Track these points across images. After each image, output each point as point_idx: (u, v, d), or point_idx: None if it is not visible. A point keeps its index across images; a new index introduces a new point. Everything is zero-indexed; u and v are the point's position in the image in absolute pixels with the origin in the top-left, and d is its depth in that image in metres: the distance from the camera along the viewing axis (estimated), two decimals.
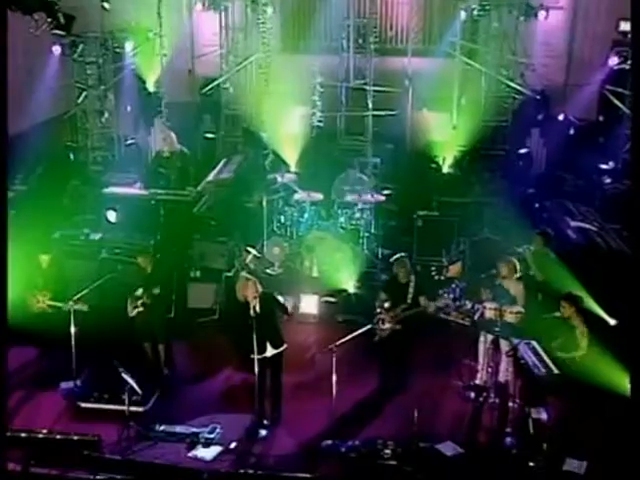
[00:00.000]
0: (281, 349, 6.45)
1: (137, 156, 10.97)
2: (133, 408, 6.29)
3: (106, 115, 10.82)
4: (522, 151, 10.94)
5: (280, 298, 6.58)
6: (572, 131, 10.78)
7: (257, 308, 6.29)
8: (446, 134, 10.74)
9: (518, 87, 10.77)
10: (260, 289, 6.32)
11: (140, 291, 6.93)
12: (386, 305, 6.67)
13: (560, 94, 11.12)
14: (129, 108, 11.15)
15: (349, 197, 9.62)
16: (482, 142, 10.61)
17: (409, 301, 6.67)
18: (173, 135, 9.66)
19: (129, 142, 11.11)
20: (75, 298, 6.75)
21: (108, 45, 10.73)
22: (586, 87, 10.49)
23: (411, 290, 6.71)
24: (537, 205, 9.82)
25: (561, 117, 10.85)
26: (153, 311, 6.99)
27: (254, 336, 6.18)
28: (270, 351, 6.35)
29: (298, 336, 7.54)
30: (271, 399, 6.53)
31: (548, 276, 7.42)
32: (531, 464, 5.79)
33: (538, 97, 10.87)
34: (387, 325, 6.65)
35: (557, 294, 6.87)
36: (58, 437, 5.67)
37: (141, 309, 6.93)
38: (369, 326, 6.55)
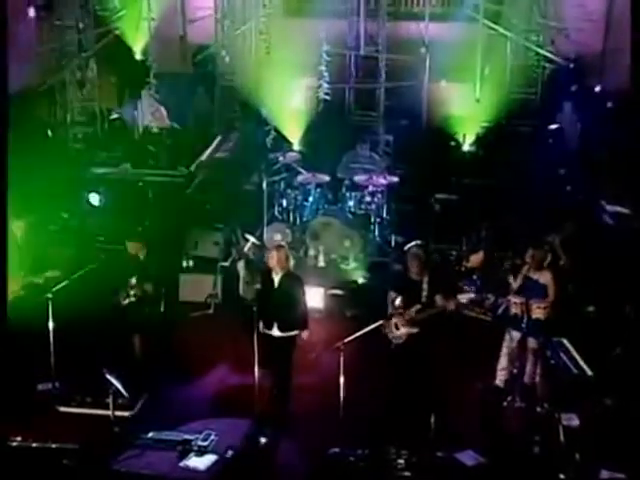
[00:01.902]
0: (290, 333, 6.46)
1: (123, 132, 10.93)
2: (118, 413, 6.28)
3: (88, 86, 10.78)
4: (553, 127, 10.80)
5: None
6: (610, 104, 10.63)
7: (276, 281, 6.40)
8: (467, 108, 10.69)
9: (549, 55, 10.67)
10: (289, 265, 6.45)
11: (134, 279, 6.91)
12: (397, 302, 6.56)
13: (597, 62, 10.97)
14: (113, 78, 11.08)
15: (359, 178, 9.61)
16: (508, 117, 10.53)
17: (424, 300, 6.56)
18: (163, 109, 9.63)
19: (114, 117, 11.07)
20: (54, 290, 6.71)
21: (89, 7, 10.64)
22: (626, 54, 10.30)
23: (425, 287, 6.56)
24: (569, 187, 9.73)
25: (597, 88, 10.70)
26: (146, 303, 7.01)
27: (265, 311, 6.30)
28: (276, 332, 6.41)
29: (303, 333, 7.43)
30: (274, 400, 6.55)
31: (581, 267, 7.35)
32: (561, 476, 5.75)
33: (571, 66, 10.73)
34: (402, 330, 6.56)
35: (590, 286, 6.79)
36: (34, 445, 5.66)
37: (133, 299, 6.93)
38: (381, 322, 6.48)
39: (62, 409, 6.65)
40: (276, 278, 6.47)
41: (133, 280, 6.96)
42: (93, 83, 10.88)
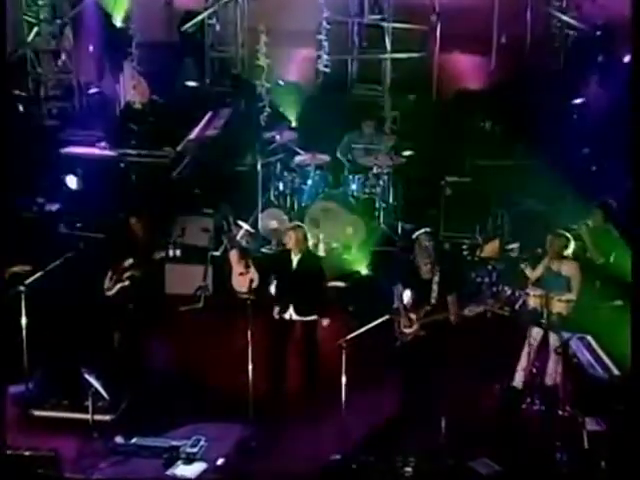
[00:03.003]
0: (308, 318, 6.64)
1: (102, 108, 10.86)
2: (98, 417, 6.28)
3: (63, 57, 10.68)
4: (577, 102, 10.71)
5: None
6: None
7: (295, 262, 6.65)
8: (482, 81, 10.60)
9: (573, 21, 10.55)
10: (308, 244, 6.76)
11: (129, 261, 6.88)
12: (405, 300, 6.50)
13: (626, 30, 10.83)
14: (92, 48, 11.00)
15: (362, 159, 9.58)
16: (527, 91, 10.41)
17: (433, 301, 6.51)
18: (145, 83, 9.53)
19: (92, 91, 11.00)
20: (27, 282, 6.67)
21: None
22: None
23: (435, 287, 6.50)
24: (594, 168, 9.67)
25: (627, 59, 10.59)
26: (141, 286, 7.02)
27: (282, 293, 6.62)
28: (293, 315, 6.62)
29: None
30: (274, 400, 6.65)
31: (609, 258, 7.34)
32: None
33: (598, 33, 10.62)
34: (408, 330, 6.53)
35: (619, 280, 6.76)
36: (7, 453, 5.62)
37: (127, 283, 6.88)
38: (387, 317, 6.45)
39: (36, 413, 6.62)
40: (295, 259, 6.68)
41: (128, 262, 6.92)
42: (69, 53, 10.78)
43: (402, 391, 6.76)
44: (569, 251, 6.83)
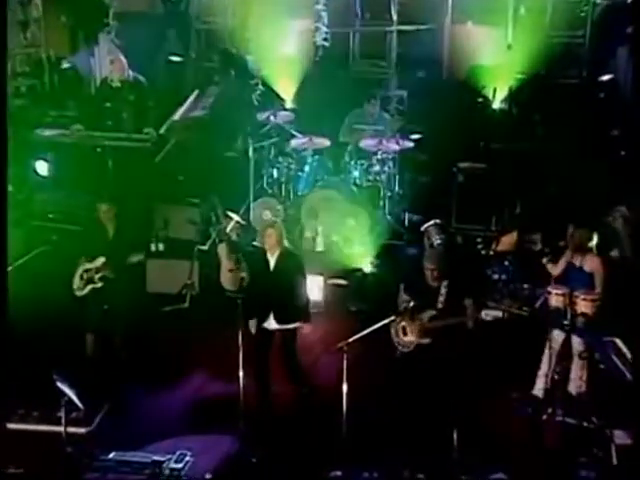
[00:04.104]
0: (289, 326, 6.54)
1: (75, 86, 10.81)
2: (72, 429, 6.22)
3: (32, 28, 10.61)
4: (604, 78, 10.69)
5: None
6: None
7: (272, 264, 6.49)
8: (498, 56, 10.58)
9: None
10: (285, 242, 6.58)
11: (100, 260, 6.84)
12: (408, 302, 6.47)
13: None
14: (63, 18, 10.93)
15: (366, 143, 9.56)
16: (548, 67, 10.40)
17: (440, 306, 6.47)
18: (124, 58, 9.50)
19: (65, 66, 10.95)
20: None
21: None
22: None
23: (443, 292, 6.48)
24: (623, 153, 9.65)
25: None
26: (113, 290, 7.01)
27: (259, 300, 6.42)
28: (272, 324, 6.48)
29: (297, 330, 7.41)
30: (263, 411, 6.59)
31: None
32: None
33: (628, 1, 10.57)
34: (409, 337, 6.50)
35: None
36: None
37: (98, 285, 6.84)
38: (392, 317, 6.44)
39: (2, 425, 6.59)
40: (271, 260, 6.55)
41: (100, 260, 6.89)
42: (39, 24, 10.72)
43: (410, 400, 6.71)
44: (592, 244, 6.81)
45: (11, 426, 6.56)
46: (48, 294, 7.30)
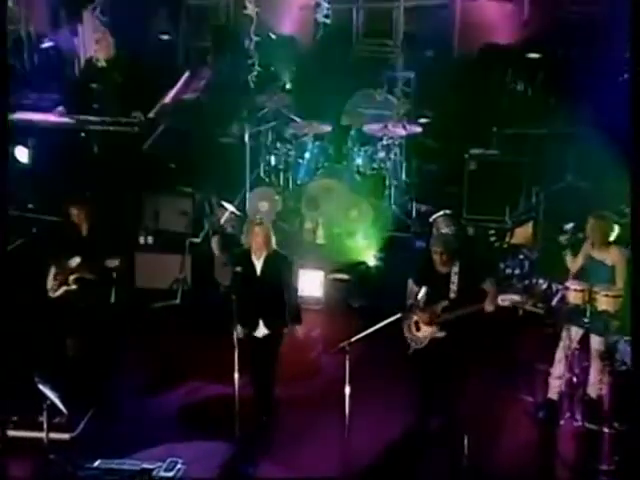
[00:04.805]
0: (279, 331, 6.48)
1: (58, 66, 10.80)
2: (55, 435, 6.24)
3: (10, 3, 10.58)
4: (627, 55, 10.62)
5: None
6: None
7: (259, 268, 6.39)
8: (513, 34, 10.55)
9: None
10: (273, 243, 6.46)
11: (76, 260, 6.83)
12: (419, 295, 6.44)
13: None
14: None
15: (370, 128, 9.57)
16: (567, 43, 10.37)
17: (452, 295, 6.44)
18: (110, 36, 9.48)
19: (46, 45, 10.92)
20: None
21: None
22: None
23: (455, 279, 6.44)
24: None
25: None
26: (91, 291, 6.99)
27: (247, 306, 6.29)
28: (262, 330, 6.43)
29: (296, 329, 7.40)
30: (258, 417, 6.55)
31: None
32: None
33: None
34: (423, 331, 6.48)
35: None
36: None
37: (73, 287, 6.85)
38: (398, 315, 6.40)
39: None
40: (258, 262, 6.44)
41: (75, 261, 6.89)
42: None
43: (417, 405, 6.74)
44: (614, 236, 6.79)
45: None
46: (29, 290, 7.28)
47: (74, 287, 6.93)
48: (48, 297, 6.96)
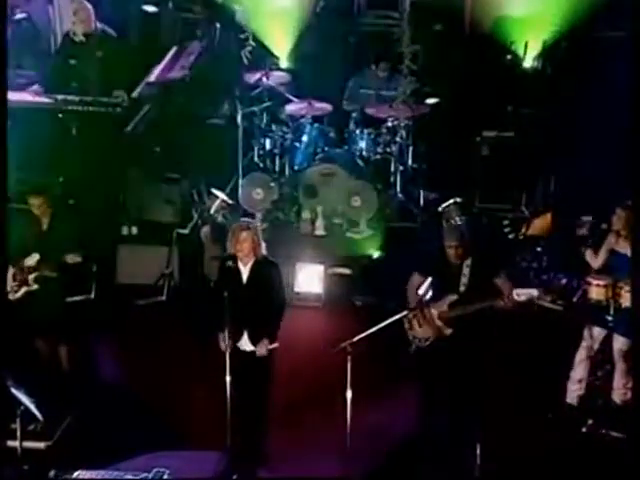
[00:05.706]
0: (264, 347, 6.41)
1: (32, 41, 10.73)
2: (29, 443, 6.27)
3: None
4: None
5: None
6: None
7: (245, 276, 6.33)
8: (530, 5, 10.46)
9: None
10: (262, 249, 6.37)
11: (34, 258, 6.82)
12: (422, 289, 6.41)
13: None
14: None
15: (373, 109, 9.54)
16: (587, 18, 10.29)
17: (462, 289, 6.44)
18: (90, 7, 9.42)
19: (18, 16, 10.85)
20: None
21: None
22: None
23: (466, 271, 6.43)
24: None
25: None
26: (55, 291, 6.99)
27: (231, 316, 6.22)
28: (247, 345, 6.40)
29: (294, 328, 7.45)
30: (250, 426, 6.55)
31: None
32: None
33: None
34: (425, 329, 6.47)
35: None
36: None
37: (34, 287, 6.86)
38: (404, 313, 6.40)
39: None
40: (244, 270, 6.37)
41: (33, 258, 6.86)
42: None
43: (422, 410, 6.76)
44: None
45: None
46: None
47: (35, 287, 6.89)
48: (7, 299, 6.85)
